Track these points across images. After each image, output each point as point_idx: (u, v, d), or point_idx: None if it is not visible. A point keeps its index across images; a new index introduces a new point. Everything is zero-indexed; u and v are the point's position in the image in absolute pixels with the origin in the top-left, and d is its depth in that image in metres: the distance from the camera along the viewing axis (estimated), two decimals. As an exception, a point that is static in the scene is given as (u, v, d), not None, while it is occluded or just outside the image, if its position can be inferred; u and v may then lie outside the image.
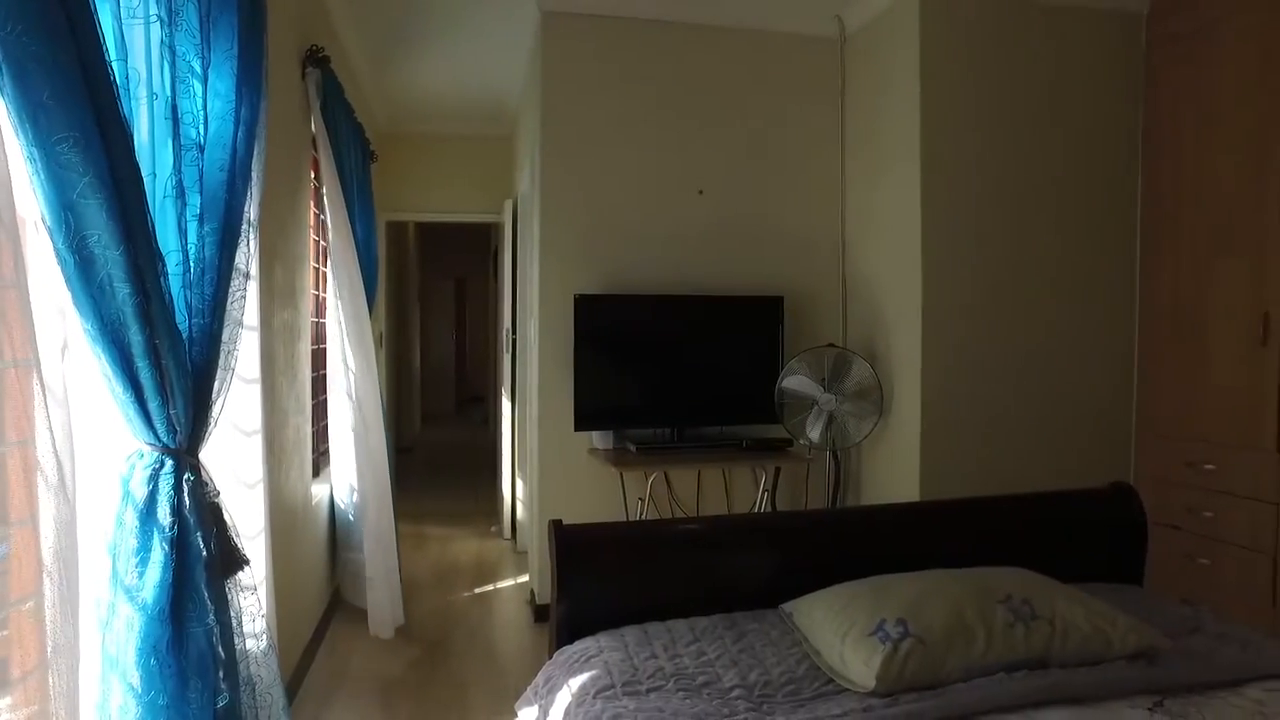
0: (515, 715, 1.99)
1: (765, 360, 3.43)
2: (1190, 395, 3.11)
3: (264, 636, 1.74)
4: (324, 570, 3.54)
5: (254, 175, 1.74)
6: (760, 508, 3.42)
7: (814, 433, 3.24)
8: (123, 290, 1.26)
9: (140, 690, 1.39)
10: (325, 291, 3.63)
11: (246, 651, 1.67)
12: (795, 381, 3.23)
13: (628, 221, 3.49)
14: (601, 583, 2.00)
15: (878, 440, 3.35)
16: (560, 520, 2.00)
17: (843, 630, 1.71)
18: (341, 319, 3.34)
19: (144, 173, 1.37)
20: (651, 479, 3.38)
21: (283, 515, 2.72)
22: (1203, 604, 2.95)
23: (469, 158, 5.66)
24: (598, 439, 3.46)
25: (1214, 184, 3.02)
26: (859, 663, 1.63)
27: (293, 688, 2.78)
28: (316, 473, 3.57)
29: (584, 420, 3.32)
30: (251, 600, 1.69)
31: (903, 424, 3.20)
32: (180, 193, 1.49)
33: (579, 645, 1.89)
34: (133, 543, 1.43)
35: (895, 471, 3.26)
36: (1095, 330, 3.31)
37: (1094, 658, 1.71)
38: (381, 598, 3.35)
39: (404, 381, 8.07)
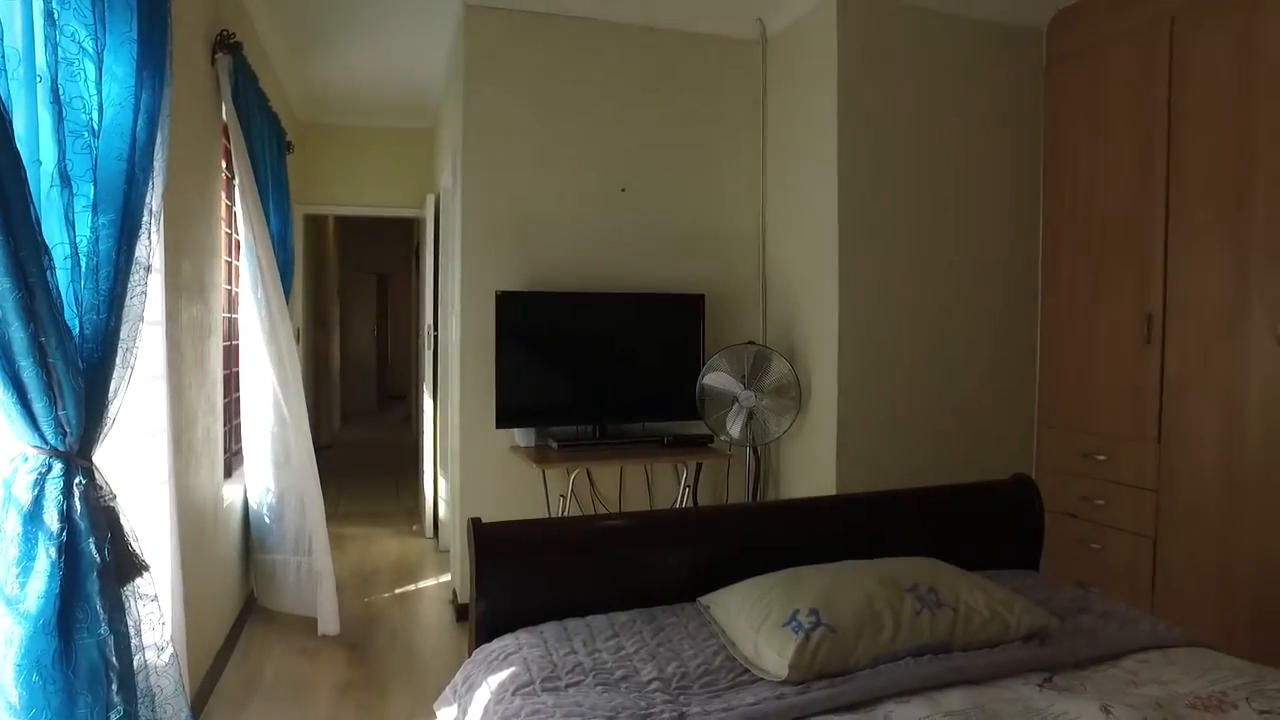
0: (434, 716, 1.98)
1: (687, 357, 3.47)
2: (1085, 390, 3.29)
3: (166, 645, 1.68)
4: (237, 574, 3.42)
5: (157, 165, 1.67)
6: (682, 503, 3.47)
7: (734, 429, 3.30)
8: (2, 284, 1.20)
9: (21, 708, 1.32)
10: (239, 286, 3.51)
11: (146, 662, 1.60)
12: (716, 378, 3.28)
13: (550, 218, 3.49)
14: (521, 580, 2.00)
15: (796, 435, 3.44)
16: (479, 518, 1.99)
17: (758, 622, 1.76)
18: (257, 314, 3.24)
19: (28, 160, 1.29)
20: (573, 476, 3.39)
21: (191, 518, 2.62)
22: (1093, 586, 3.14)
23: (390, 151, 5.55)
24: (520, 436, 3.45)
25: (1105, 190, 3.20)
26: (773, 653, 1.68)
27: (202, 697, 2.69)
28: (229, 473, 3.45)
29: (506, 418, 3.30)
30: (152, 608, 1.63)
31: (820, 419, 3.29)
32: (67, 182, 1.41)
33: (498, 643, 1.89)
34: (14, 551, 1.35)
35: (813, 466, 3.35)
36: (1001, 328, 3.47)
37: (993, 640, 1.80)
38: (329, 596, 3.30)
39: (322, 379, 7.85)
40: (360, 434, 9.32)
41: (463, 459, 3.46)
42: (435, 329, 4.83)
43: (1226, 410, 2.75)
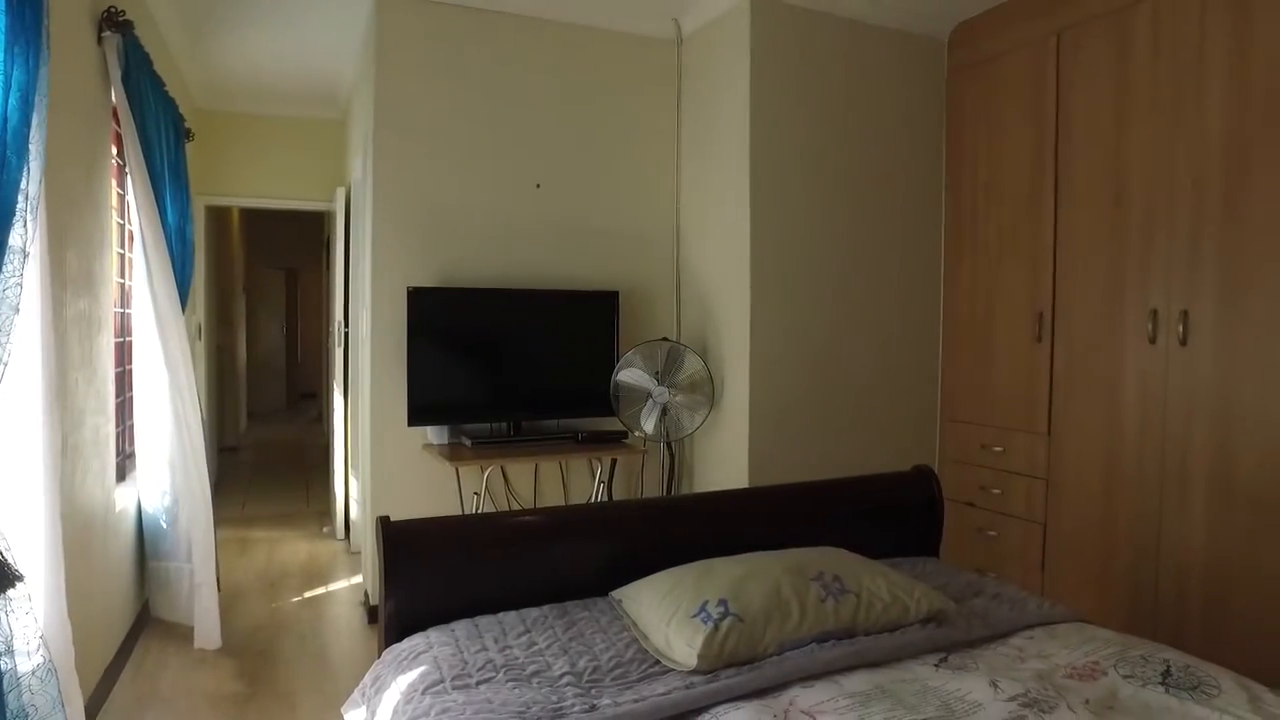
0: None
1: (601, 354, 3.48)
2: (983, 386, 3.45)
3: (40, 659, 1.58)
4: (130, 582, 3.25)
5: (34, 148, 1.57)
6: (596, 499, 3.48)
7: (648, 425, 3.33)
8: None
9: None
10: (133, 279, 3.33)
11: (19, 678, 1.51)
12: (630, 375, 3.30)
13: (464, 213, 3.44)
14: (432, 579, 1.98)
15: (709, 430, 3.49)
16: (387, 516, 1.95)
17: (668, 613, 1.78)
18: (152, 309, 3.08)
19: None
20: (487, 473, 3.36)
21: (77, 523, 2.47)
22: (990, 571, 3.30)
23: (299, 142, 5.36)
24: (432, 434, 3.39)
25: (1001, 193, 3.36)
26: (682, 643, 1.70)
27: (90, 713, 2.54)
28: (123, 477, 3.27)
29: (418, 415, 3.24)
30: (26, 620, 1.53)
31: (732, 414, 3.35)
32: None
33: (408, 642, 1.86)
34: None
35: (726, 460, 3.41)
36: (906, 326, 3.60)
37: (894, 624, 1.87)
38: (209, 608, 3.14)
39: (227, 377, 7.53)
40: (269, 434, 8.98)
41: (374, 458, 3.38)
42: (346, 325, 4.70)
43: (1107, 403, 2.93)
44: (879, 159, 3.52)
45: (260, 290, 10.16)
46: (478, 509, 3.31)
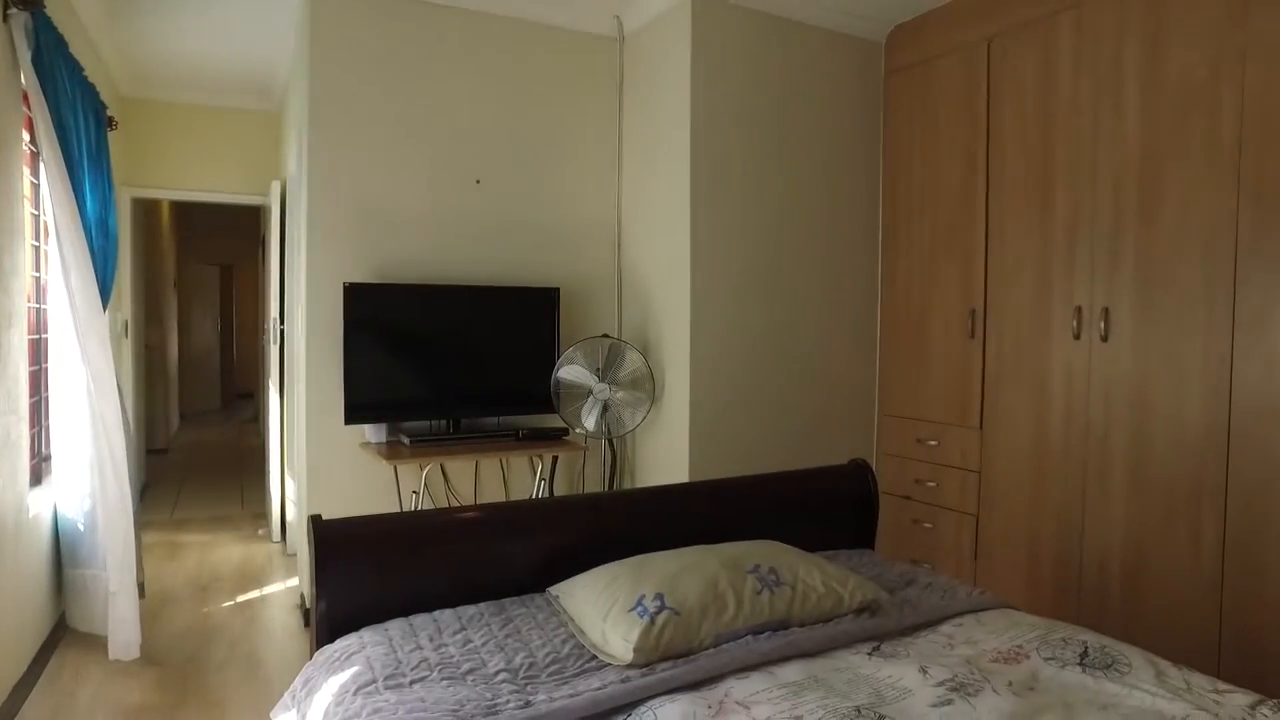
0: (271, 725, 1.88)
1: (542, 351, 3.46)
2: (919, 381, 3.53)
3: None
4: (44, 592, 3.11)
5: (-67, 132, 1.49)
6: (538, 497, 3.46)
7: (589, 421, 3.32)
8: None
9: None
10: (50, 273, 3.19)
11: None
12: (571, 372, 3.29)
13: (401, 209, 3.38)
14: (366, 578, 1.94)
15: (651, 426, 3.50)
16: (319, 515, 1.91)
17: (605, 609, 1.78)
18: (68, 304, 2.95)
19: None
20: (426, 471, 3.31)
21: (-12, 529, 2.36)
22: (925, 562, 3.38)
23: (233, 134, 5.20)
24: (370, 432, 3.33)
25: (936, 193, 3.45)
26: (618, 638, 1.70)
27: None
28: (38, 480, 3.13)
29: (355, 413, 3.18)
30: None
31: (673, 411, 3.37)
32: None
33: (340, 643, 1.83)
34: None
35: (667, 456, 3.42)
36: (845, 322, 3.66)
37: (828, 615, 1.91)
38: (124, 617, 3.01)
39: (157, 376, 7.27)
40: (203, 435, 8.70)
41: (310, 457, 3.30)
42: (282, 322, 4.58)
43: (1035, 397, 3.02)
44: (818, 158, 3.57)
45: (194, 287, 9.84)
46: (417, 508, 3.26)
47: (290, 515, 4.43)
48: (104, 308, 3.16)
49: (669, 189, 3.40)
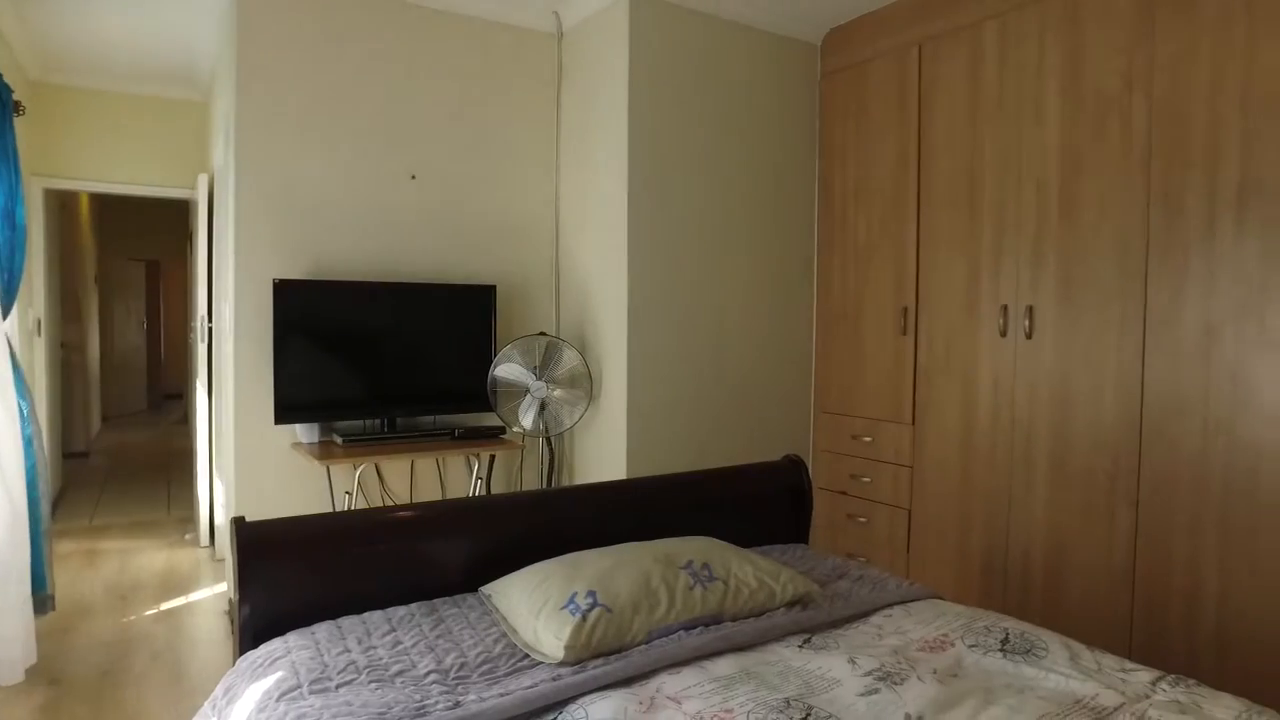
0: (190, 736, 1.82)
1: (478, 349, 3.42)
2: (853, 378, 3.60)
3: None
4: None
5: None
6: (474, 496, 3.42)
7: (527, 420, 3.30)
8: None
9: None
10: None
11: None
12: (507, 370, 3.26)
13: (334, 204, 3.30)
14: (293, 581, 1.89)
15: (589, 424, 3.50)
16: (242, 516, 1.85)
17: (537, 607, 1.77)
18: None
19: None
20: (360, 471, 3.25)
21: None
22: (861, 555, 3.45)
23: (157, 123, 5.01)
24: (302, 433, 3.24)
25: (870, 193, 3.52)
26: (550, 636, 1.69)
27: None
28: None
29: (286, 413, 3.09)
30: None
31: (611, 408, 3.37)
32: None
33: (265, 648, 1.77)
34: None
35: (605, 454, 3.42)
36: (781, 320, 3.71)
37: (760, 609, 1.93)
38: (12, 635, 2.83)
39: (76, 377, 6.97)
40: (128, 437, 8.37)
41: (238, 459, 3.20)
42: (210, 320, 4.43)
43: (964, 394, 3.11)
44: (755, 157, 3.61)
45: (117, 284, 9.46)
46: (350, 509, 3.19)
47: (219, 519, 4.29)
48: (11, 303, 3.02)
49: (606, 186, 3.40)
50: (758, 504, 2.59)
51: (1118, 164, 2.62)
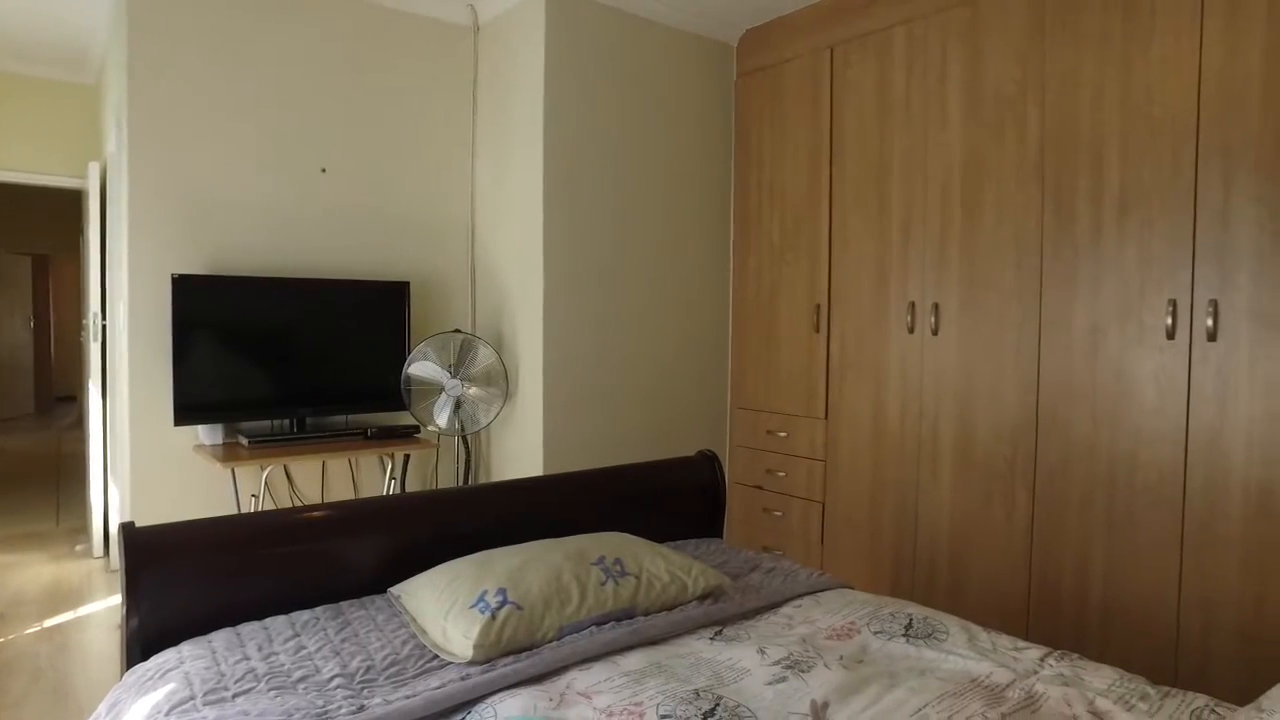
0: (72, 756, 1.71)
1: (392, 347, 3.34)
2: (769, 374, 3.67)
3: None
4: None
5: None
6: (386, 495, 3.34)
7: (442, 419, 3.24)
8: None
9: None
10: None
11: None
12: (422, 368, 3.20)
13: (238, 196, 3.17)
14: (188, 588, 1.80)
15: (505, 422, 3.46)
16: (131, 522, 1.76)
17: (446, 606, 1.74)
18: None
19: None
20: (267, 472, 3.13)
21: None
22: (776, 548, 3.51)
23: (41, 108, 4.71)
24: (204, 434, 3.11)
25: (784, 192, 3.59)
26: (459, 635, 1.66)
27: None
28: None
29: (186, 414, 2.96)
30: None
31: (527, 406, 3.34)
32: None
33: (155, 660, 1.69)
34: None
35: (522, 452, 3.39)
36: (698, 317, 3.75)
37: (673, 602, 1.94)
38: None
39: (-45, 379, 6.49)
40: (11, 442, 7.85)
41: (134, 463, 3.04)
42: (104, 317, 4.19)
43: (875, 389, 3.20)
44: (672, 156, 3.63)
45: (1, 279, 8.86)
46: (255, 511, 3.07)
47: (115, 528, 4.07)
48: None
49: (523, 182, 3.37)
50: (672, 499, 2.61)
51: (1015, 169, 2.74)
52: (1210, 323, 2.28)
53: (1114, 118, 2.49)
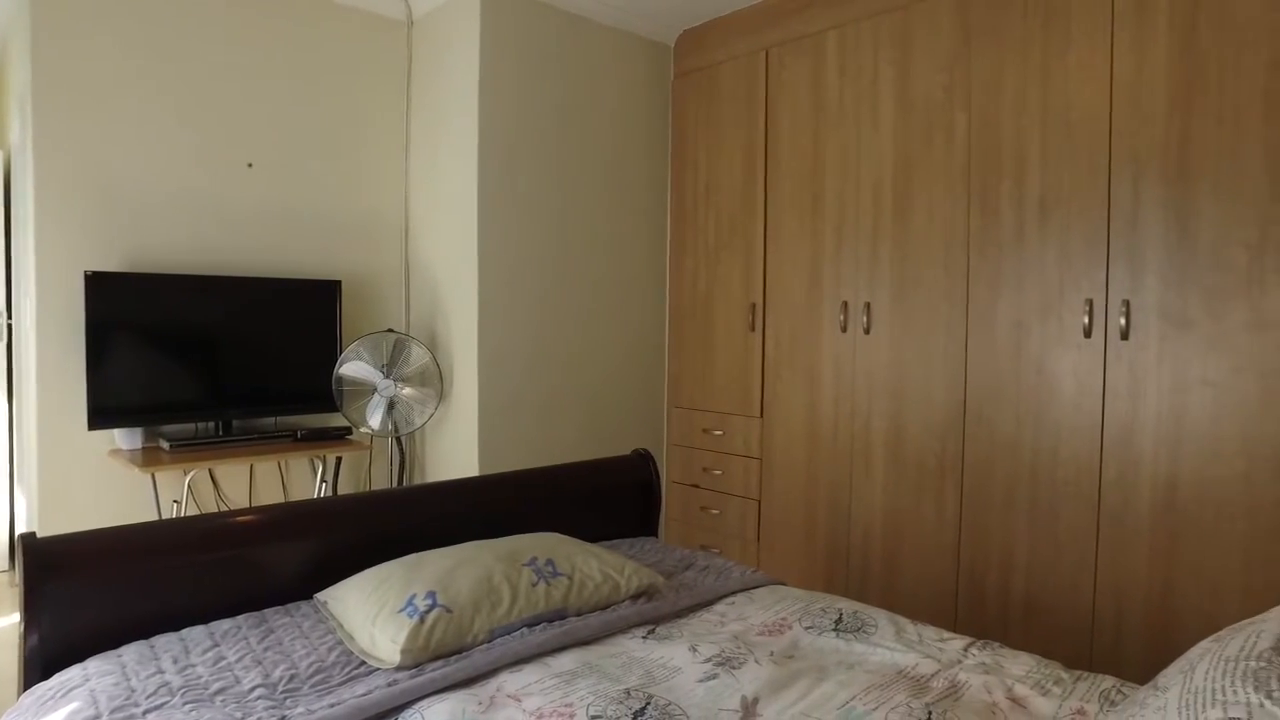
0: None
1: (323, 347, 3.26)
2: (704, 373, 3.69)
3: None
4: None
5: None
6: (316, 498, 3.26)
7: (375, 420, 3.17)
8: None
9: None
10: None
11: None
12: (354, 368, 3.13)
13: (158, 191, 3.05)
14: (95, 601, 1.72)
15: (440, 423, 3.40)
16: (32, 533, 1.67)
17: (374, 611, 1.70)
18: None
19: None
20: (190, 477, 3.02)
21: None
22: (713, 547, 3.53)
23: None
24: (122, 439, 2.98)
25: (720, 192, 3.61)
26: (387, 640, 1.63)
27: None
28: None
29: (102, 418, 2.83)
30: None
31: (462, 406, 3.29)
32: None
33: (58, 679, 1.60)
34: None
35: (457, 453, 3.34)
36: (635, 316, 3.75)
37: (605, 602, 1.93)
38: None
39: None
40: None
41: (43, 470, 2.90)
42: (9, 316, 3.98)
43: (809, 387, 3.25)
44: (609, 154, 3.63)
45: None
46: (175, 517, 2.96)
47: (25, 537, 3.86)
48: None
49: (457, 180, 3.32)
50: (607, 498, 2.60)
51: (943, 171, 2.81)
52: (1123, 322, 2.38)
53: (1035, 123, 2.57)
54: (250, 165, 3.24)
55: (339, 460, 3.25)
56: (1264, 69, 2.14)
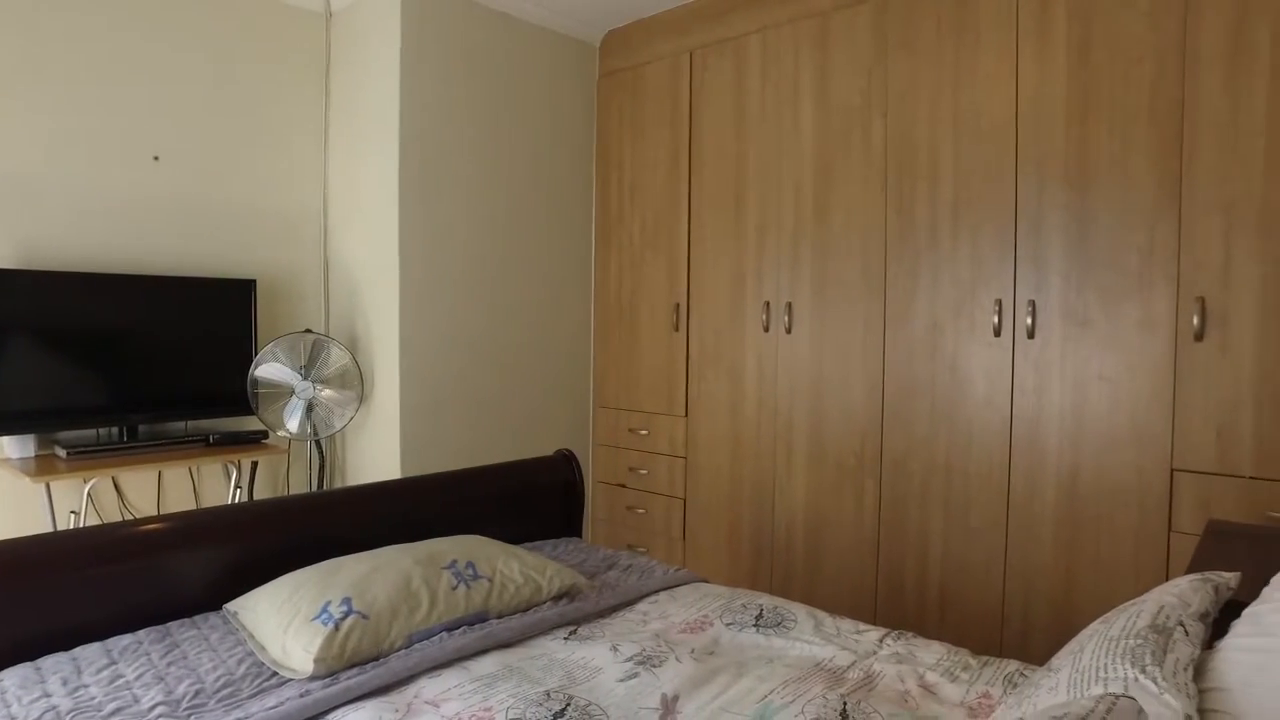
0: None
1: (237, 348, 3.14)
2: (630, 373, 3.70)
3: None
4: None
5: None
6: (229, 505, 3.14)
7: (293, 423, 3.08)
8: None
9: None
10: None
11: None
12: (270, 370, 3.02)
13: (55, 184, 2.88)
14: (-22, 619, 1.62)
15: (361, 425, 3.33)
16: (-95, 548, 1.56)
17: (286, 620, 1.65)
18: None
19: None
20: (90, 486, 2.86)
21: None
22: (640, 545, 3.55)
23: None
24: (11, 447, 2.80)
25: (645, 192, 3.63)
26: (299, 649, 1.58)
27: None
28: None
29: (-10, 424, 2.66)
30: None
31: (384, 408, 3.22)
32: None
33: (-71, 707, 1.50)
34: None
35: (379, 455, 3.27)
36: (560, 316, 3.73)
37: (527, 604, 1.92)
38: None
39: None
40: None
41: (-75, 480, 2.71)
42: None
43: (732, 386, 3.29)
44: (535, 153, 3.60)
45: None
46: (70, 529, 2.80)
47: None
48: None
49: (378, 178, 3.24)
50: (530, 499, 2.58)
51: (861, 174, 2.88)
52: (1029, 321, 2.48)
53: (947, 130, 2.66)
54: (157, 158, 3.10)
55: (255, 465, 3.14)
56: (1149, 84, 2.27)
